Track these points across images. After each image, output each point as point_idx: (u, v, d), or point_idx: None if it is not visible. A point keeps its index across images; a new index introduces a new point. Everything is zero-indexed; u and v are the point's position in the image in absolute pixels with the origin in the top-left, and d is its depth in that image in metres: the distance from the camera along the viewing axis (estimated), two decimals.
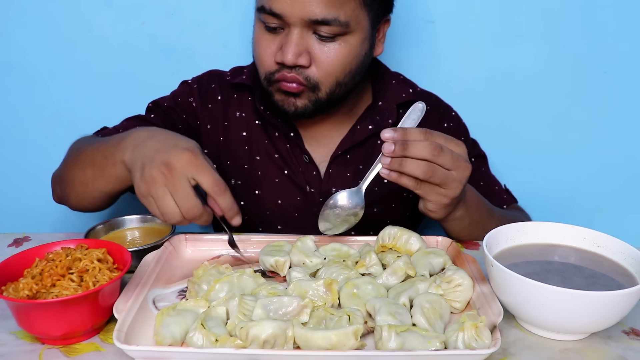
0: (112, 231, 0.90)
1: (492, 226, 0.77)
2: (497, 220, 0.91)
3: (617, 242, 0.73)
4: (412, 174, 0.75)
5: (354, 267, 0.77)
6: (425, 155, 0.73)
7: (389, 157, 0.74)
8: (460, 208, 0.87)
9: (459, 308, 0.71)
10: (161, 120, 1.03)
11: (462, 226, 0.91)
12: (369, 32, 0.93)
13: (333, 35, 0.88)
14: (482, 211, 0.94)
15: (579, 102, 1.29)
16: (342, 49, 0.90)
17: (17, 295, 0.64)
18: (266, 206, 1.06)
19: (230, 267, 0.77)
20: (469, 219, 0.90)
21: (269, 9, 0.87)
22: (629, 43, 1.24)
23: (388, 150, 0.73)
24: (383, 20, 0.97)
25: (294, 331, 0.61)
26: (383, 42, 1.00)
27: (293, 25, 0.87)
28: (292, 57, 0.87)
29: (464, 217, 0.89)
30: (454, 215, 0.87)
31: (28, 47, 1.25)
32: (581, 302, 0.61)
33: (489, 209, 0.97)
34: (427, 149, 0.73)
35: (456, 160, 0.76)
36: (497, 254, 0.74)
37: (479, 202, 0.93)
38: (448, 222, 0.90)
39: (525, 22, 1.24)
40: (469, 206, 0.89)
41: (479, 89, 1.29)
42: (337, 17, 0.86)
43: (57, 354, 0.64)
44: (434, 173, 0.75)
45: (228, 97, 1.07)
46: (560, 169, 1.36)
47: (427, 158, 0.73)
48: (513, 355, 0.64)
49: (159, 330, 0.63)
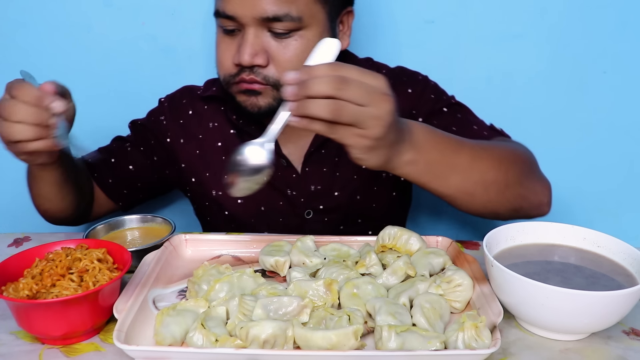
0: (112, 231, 0.90)
1: (462, 162, 0.72)
2: (469, 151, 0.79)
3: (617, 242, 0.73)
4: (317, 115, 0.62)
5: (354, 267, 0.77)
6: (328, 90, 0.61)
7: (293, 102, 0.64)
8: (406, 150, 0.71)
9: (459, 308, 0.72)
10: (138, 139, 1.07)
11: (418, 171, 0.75)
12: (326, 25, 0.92)
13: (288, 31, 0.87)
14: (441, 147, 0.76)
15: (579, 102, 1.29)
16: (299, 44, 0.89)
17: (17, 295, 0.64)
18: (250, 213, 1.06)
19: (230, 267, 0.77)
20: (423, 160, 0.74)
21: (222, 11, 0.88)
22: (629, 43, 1.24)
23: (288, 93, 0.63)
24: (344, 12, 0.96)
25: (294, 331, 0.61)
26: (349, 35, 0.99)
27: (247, 25, 0.87)
28: (248, 57, 0.87)
29: (416, 160, 0.73)
30: (399, 160, 0.71)
31: (28, 47, 1.24)
32: (581, 302, 0.61)
33: (456, 142, 0.80)
34: (329, 84, 0.61)
35: (370, 94, 0.63)
36: (497, 254, 0.74)
37: (437, 139, 0.77)
38: (398, 170, 0.74)
39: (525, 22, 1.23)
40: (419, 146, 0.73)
41: (479, 89, 1.29)
42: (288, 12, 0.86)
43: (57, 354, 0.64)
44: (342, 110, 0.62)
45: (200, 110, 1.08)
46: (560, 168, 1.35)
47: (330, 94, 0.61)
48: (513, 355, 0.64)
49: (159, 330, 0.63)
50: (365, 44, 1.24)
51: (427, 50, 1.26)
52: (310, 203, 1.04)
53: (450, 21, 1.24)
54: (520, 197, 0.85)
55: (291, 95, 0.63)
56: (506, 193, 0.82)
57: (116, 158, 1.05)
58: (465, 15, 1.23)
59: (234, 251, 0.87)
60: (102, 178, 1.04)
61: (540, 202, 0.88)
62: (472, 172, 0.78)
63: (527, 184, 0.86)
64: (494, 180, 0.80)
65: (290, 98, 0.63)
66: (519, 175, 0.84)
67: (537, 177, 0.90)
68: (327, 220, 1.05)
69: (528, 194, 0.86)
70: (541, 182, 0.90)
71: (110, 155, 1.05)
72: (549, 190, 0.90)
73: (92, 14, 1.22)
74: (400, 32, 1.25)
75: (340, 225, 1.06)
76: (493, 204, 0.82)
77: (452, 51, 1.26)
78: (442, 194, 0.79)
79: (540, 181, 0.90)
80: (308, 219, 1.05)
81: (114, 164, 1.04)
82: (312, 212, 1.04)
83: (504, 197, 0.82)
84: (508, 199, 0.83)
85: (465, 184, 0.78)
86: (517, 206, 0.85)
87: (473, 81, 1.28)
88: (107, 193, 1.05)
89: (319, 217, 1.04)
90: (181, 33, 1.25)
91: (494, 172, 0.80)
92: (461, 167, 0.74)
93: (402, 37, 1.25)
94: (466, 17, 1.23)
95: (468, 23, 1.24)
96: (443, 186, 0.78)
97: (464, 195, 0.80)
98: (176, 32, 1.24)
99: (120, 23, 1.23)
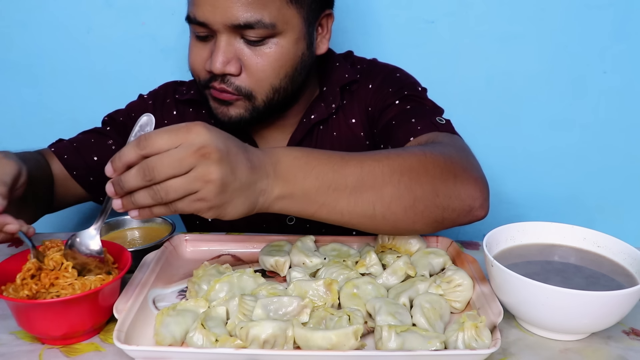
0: (112, 231, 0.90)
1: (349, 182, 0.66)
2: (355, 169, 0.68)
3: (617, 242, 0.73)
4: (145, 205, 0.60)
5: (354, 267, 0.77)
6: (139, 183, 0.58)
7: (118, 199, 0.61)
8: (272, 186, 0.64)
9: (459, 308, 0.71)
10: (117, 134, 1.02)
11: (296, 204, 0.67)
12: (303, 30, 0.88)
13: (261, 38, 0.84)
14: (317, 171, 0.66)
15: (579, 102, 1.29)
16: (273, 52, 0.85)
17: (16, 295, 0.64)
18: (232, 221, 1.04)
19: (230, 267, 0.77)
20: (299, 190, 0.66)
21: (193, 17, 0.85)
22: (629, 43, 1.24)
23: (110, 192, 0.61)
24: (323, 15, 0.92)
25: (294, 331, 0.61)
26: (328, 39, 0.95)
27: (219, 32, 0.84)
28: (220, 65, 0.84)
29: (290, 193, 0.65)
30: (268, 199, 0.65)
31: (28, 47, 1.25)
32: (581, 302, 0.61)
33: (340, 161, 0.68)
34: (136, 177, 0.58)
35: (183, 159, 0.57)
36: (497, 254, 0.74)
37: (311, 163, 0.67)
38: (273, 208, 0.67)
39: (525, 22, 1.24)
40: (288, 177, 0.65)
41: (479, 89, 1.29)
42: (260, 19, 0.82)
43: (57, 354, 0.64)
44: (164, 192, 0.59)
45: (183, 112, 1.05)
46: (560, 168, 1.36)
47: (143, 185, 0.59)
48: (513, 355, 0.64)
49: (159, 330, 0.63)
50: (366, 44, 1.25)
51: (427, 50, 1.26)
52: None
53: (450, 21, 1.24)
54: (438, 207, 0.72)
55: (112, 194, 0.61)
56: (417, 207, 0.70)
57: (99, 156, 0.99)
58: (465, 15, 1.23)
59: (234, 251, 0.87)
60: (83, 177, 0.99)
61: (470, 207, 0.74)
62: (363, 191, 0.67)
63: (446, 191, 0.72)
64: (395, 195, 0.69)
65: (113, 197, 0.61)
66: (432, 184, 0.71)
67: (461, 182, 0.74)
68: (309, 227, 1.02)
69: (449, 202, 0.72)
70: (469, 186, 0.74)
71: (91, 153, 0.99)
72: (481, 192, 0.75)
73: (92, 14, 1.22)
74: (400, 32, 1.25)
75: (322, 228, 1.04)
76: (404, 222, 0.71)
77: (452, 51, 1.26)
78: (335, 222, 0.70)
79: (468, 184, 0.74)
80: (290, 226, 1.04)
81: (97, 161, 0.99)
82: (295, 218, 1.02)
83: (415, 211, 0.70)
84: (422, 213, 0.71)
85: (359, 206, 0.68)
86: (437, 218, 0.72)
87: (473, 81, 1.28)
88: (88, 190, 1.00)
89: (301, 224, 1.02)
90: (181, 33, 1.24)
91: (393, 186, 0.69)
92: (349, 188, 0.66)
93: (402, 37, 1.25)
94: (466, 17, 1.24)
95: (468, 23, 1.24)
96: (333, 213, 0.68)
97: (363, 218, 0.70)
98: (176, 32, 1.24)
99: (120, 23, 1.23)
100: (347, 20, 1.24)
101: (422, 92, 0.98)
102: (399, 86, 0.97)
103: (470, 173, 0.76)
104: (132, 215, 0.62)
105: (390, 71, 1.01)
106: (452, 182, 0.73)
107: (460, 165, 0.75)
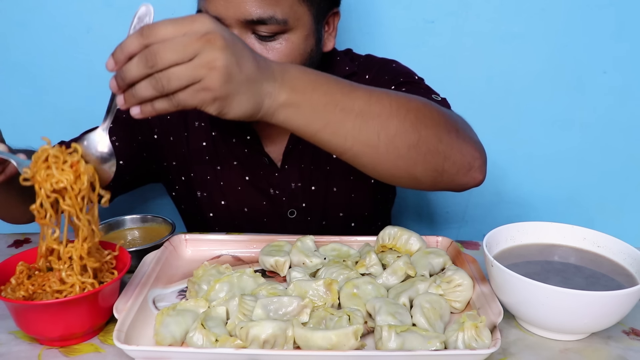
0: (112, 231, 0.90)
1: (357, 105, 0.65)
2: (364, 94, 0.68)
3: (617, 242, 0.73)
4: (147, 97, 0.58)
5: (354, 267, 0.77)
6: (142, 71, 0.57)
7: (121, 94, 0.60)
8: (278, 90, 0.63)
9: (459, 308, 0.71)
10: (122, 131, 1.02)
11: (302, 115, 0.65)
12: (312, 27, 0.89)
13: (272, 34, 0.85)
14: (326, 87, 0.66)
15: (579, 102, 1.29)
16: (284, 48, 0.86)
17: (13, 295, 0.64)
18: (234, 216, 1.05)
19: (230, 267, 0.77)
20: (306, 102, 0.65)
21: (205, 12, 0.85)
22: (629, 43, 1.24)
23: (112, 87, 0.60)
24: (330, 14, 0.94)
25: (294, 331, 0.61)
26: (334, 36, 0.97)
27: (230, 27, 0.84)
28: None
29: (297, 102, 0.64)
30: (273, 103, 0.63)
31: (28, 47, 1.24)
32: (581, 302, 0.61)
33: (349, 84, 0.69)
34: (139, 65, 0.57)
35: (187, 45, 0.56)
36: (497, 254, 0.74)
37: (320, 79, 0.67)
38: (278, 116, 0.65)
39: (525, 22, 1.24)
40: (297, 86, 0.64)
41: (479, 89, 1.29)
42: (273, 15, 0.83)
43: (57, 354, 0.64)
44: (166, 80, 0.57)
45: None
46: (560, 169, 1.36)
47: (146, 73, 0.57)
48: (513, 355, 0.64)
49: (159, 330, 0.63)
50: (366, 43, 1.25)
51: (427, 50, 1.26)
52: (292, 202, 1.03)
53: (450, 21, 1.24)
54: (440, 154, 0.71)
55: (115, 89, 0.60)
56: (420, 147, 0.69)
57: None
58: (465, 15, 1.23)
59: (234, 251, 0.87)
60: None
61: (469, 164, 0.74)
62: (369, 118, 0.67)
63: (449, 140, 0.72)
64: (400, 129, 0.68)
65: (116, 92, 0.60)
66: (436, 129, 0.71)
67: (463, 138, 0.74)
68: (310, 220, 1.04)
69: (451, 152, 0.72)
70: (470, 144, 0.75)
71: None
72: (480, 155, 0.76)
73: (92, 14, 1.22)
74: (400, 32, 1.25)
75: (322, 221, 1.04)
76: (405, 161, 0.70)
77: (452, 51, 1.26)
78: (338, 147, 0.68)
79: (469, 143, 0.75)
80: (292, 219, 1.04)
81: None
82: (296, 211, 1.03)
83: (418, 152, 0.70)
84: (424, 155, 0.70)
85: (363, 132, 0.67)
86: (437, 167, 0.72)
87: (473, 81, 1.28)
88: None
89: (302, 217, 1.04)
90: None
91: (399, 120, 0.68)
92: (355, 111, 0.65)
93: (402, 37, 1.25)
94: (466, 17, 1.23)
95: (468, 23, 1.24)
96: (336, 135, 0.67)
97: (366, 147, 0.68)
98: None
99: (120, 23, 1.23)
100: (348, 20, 1.24)
101: (418, 80, 1.00)
102: (395, 74, 1.00)
103: (471, 136, 0.77)
104: (134, 113, 0.60)
105: (386, 62, 1.04)
106: (455, 135, 0.74)
107: (461, 126, 0.77)
